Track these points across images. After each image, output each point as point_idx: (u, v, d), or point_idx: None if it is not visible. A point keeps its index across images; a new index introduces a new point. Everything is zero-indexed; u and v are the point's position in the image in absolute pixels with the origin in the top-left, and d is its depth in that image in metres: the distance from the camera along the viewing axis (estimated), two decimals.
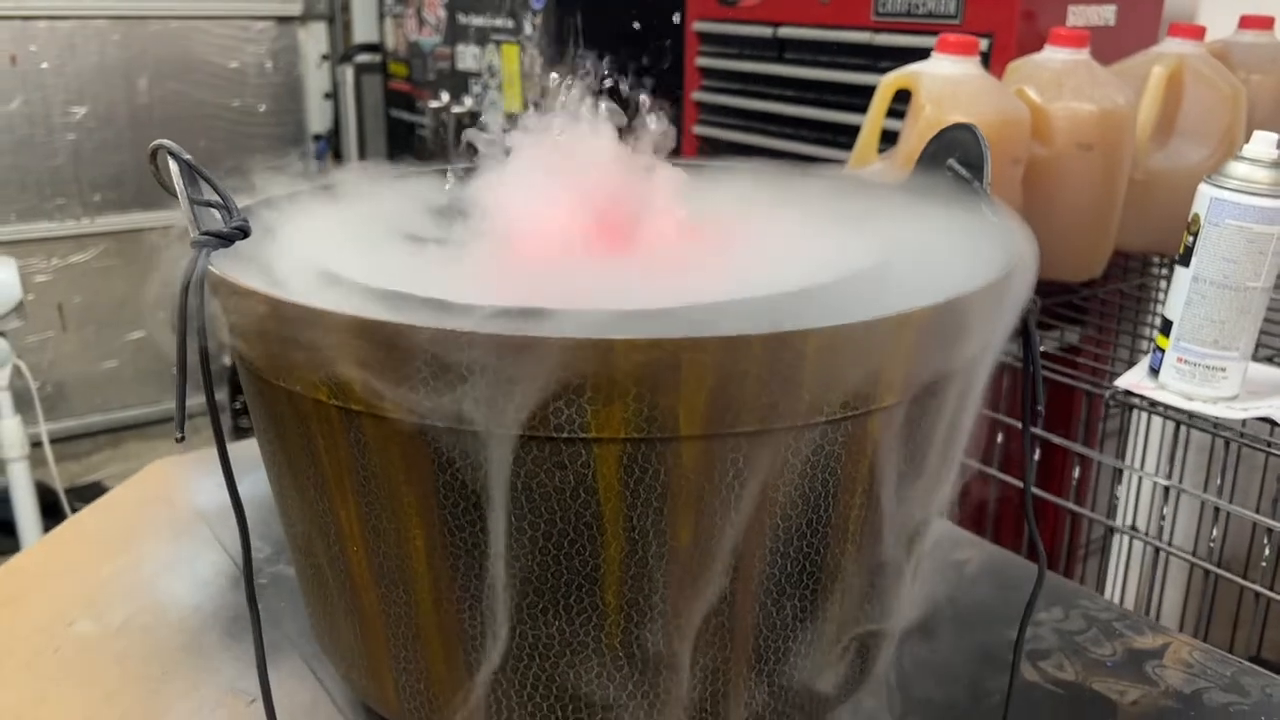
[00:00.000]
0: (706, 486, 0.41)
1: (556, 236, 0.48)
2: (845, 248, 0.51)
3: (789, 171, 0.65)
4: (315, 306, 0.40)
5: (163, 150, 0.48)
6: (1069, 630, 0.66)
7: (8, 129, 2.54)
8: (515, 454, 0.40)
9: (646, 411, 0.39)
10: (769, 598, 0.44)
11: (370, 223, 0.54)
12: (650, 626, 0.43)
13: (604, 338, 0.37)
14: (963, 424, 0.49)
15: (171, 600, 0.74)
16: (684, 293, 0.44)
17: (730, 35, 1.67)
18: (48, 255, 2.65)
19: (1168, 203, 1.10)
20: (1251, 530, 1.21)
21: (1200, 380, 0.82)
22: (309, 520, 0.48)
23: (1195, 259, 0.81)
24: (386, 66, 2.55)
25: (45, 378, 2.66)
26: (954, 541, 0.76)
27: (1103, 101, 1.06)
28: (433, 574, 0.44)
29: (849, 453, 0.42)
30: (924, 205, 0.56)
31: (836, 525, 0.44)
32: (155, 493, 0.88)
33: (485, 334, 0.37)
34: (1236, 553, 1.27)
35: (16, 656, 0.73)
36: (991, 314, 0.45)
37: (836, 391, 0.40)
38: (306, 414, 0.43)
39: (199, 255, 0.44)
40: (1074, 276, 1.13)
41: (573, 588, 0.42)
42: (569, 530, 0.41)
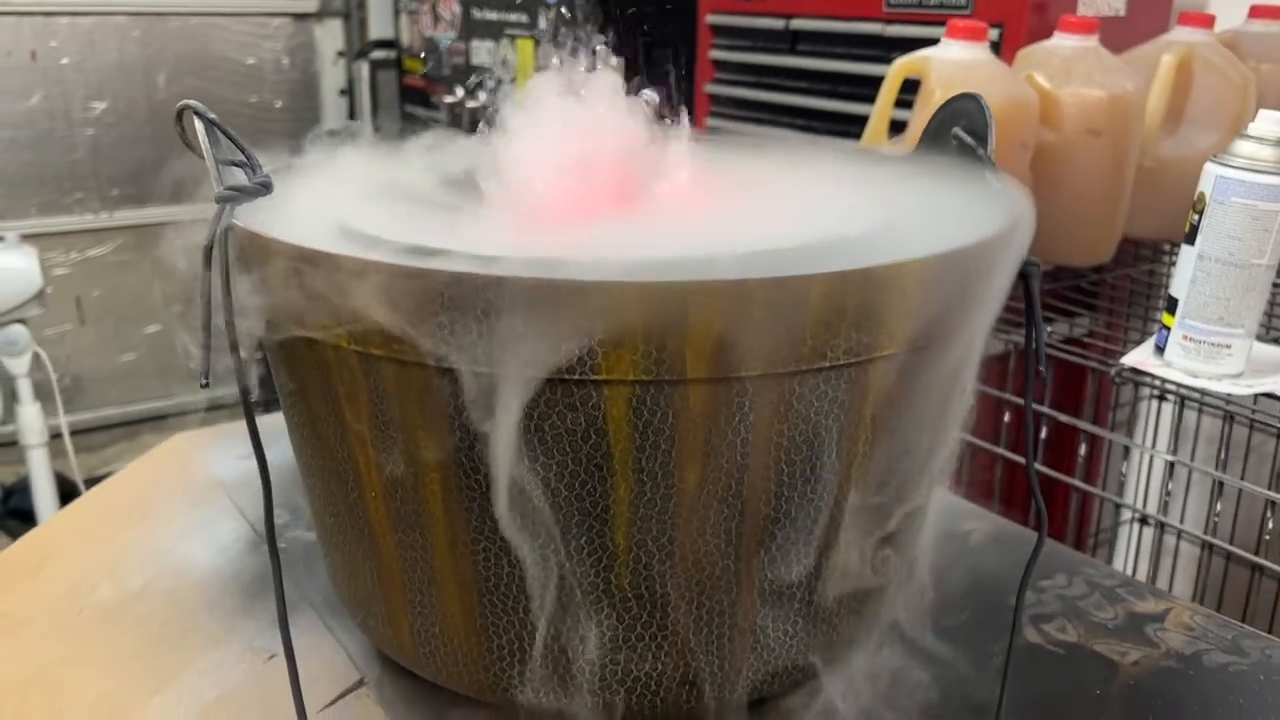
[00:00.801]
0: (712, 429, 0.42)
1: (569, 195, 0.50)
2: (852, 207, 0.52)
3: (799, 140, 0.67)
4: (334, 252, 0.41)
5: (189, 110, 0.49)
6: (1072, 596, 0.67)
7: (28, 124, 2.57)
8: (528, 396, 0.41)
9: (655, 354, 0.40)
10: (774, 541, 0.46)
11: (387, 185, 0.55)
12: (658, 568, 0.44)
13: (614, 280, 0.39)
14: (964, 379, 0.50)
15: (191, 565, 0.75)
16: (693, 247, 0.45)
17: (743, 28, 1.68)
18: (66, 249, 2.68)
19: (1177, 190, 1.10)
20: (1262, 515, 1.21)
21: (1205, 357, 0.83)
22: (328, 469, 0.49)
23: (1200, 237, 0.82)
24: (401, 62, 2.57)
25: (63, 370, 2.68)
26: (959, 513, 0.77)
27: (1111, 87, 1.07)
28: (448, 517, 0.45)
29: (851, 399, 0.44)
30: (929, 171, 0.57)
31: (840, 471, 0.45)
32: (174, 465, 0.90)
33: (499, 277, 0.39)
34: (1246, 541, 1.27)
35: (40, 621, 0.75)
36: (992, 267, 0.46)
37: (839, 338, 0.42)
38: (326, 361, 0.45)
39: (223, 209, 0.46)
40: (1082, 261, 1.14)
41: (583, 529, 0.44)
42: (580, 472, 0.42)
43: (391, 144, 0.63)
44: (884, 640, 0.56)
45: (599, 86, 0.53)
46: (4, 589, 0.80)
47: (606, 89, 0.53)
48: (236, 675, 0.64)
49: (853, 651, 0.52)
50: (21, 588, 0.79)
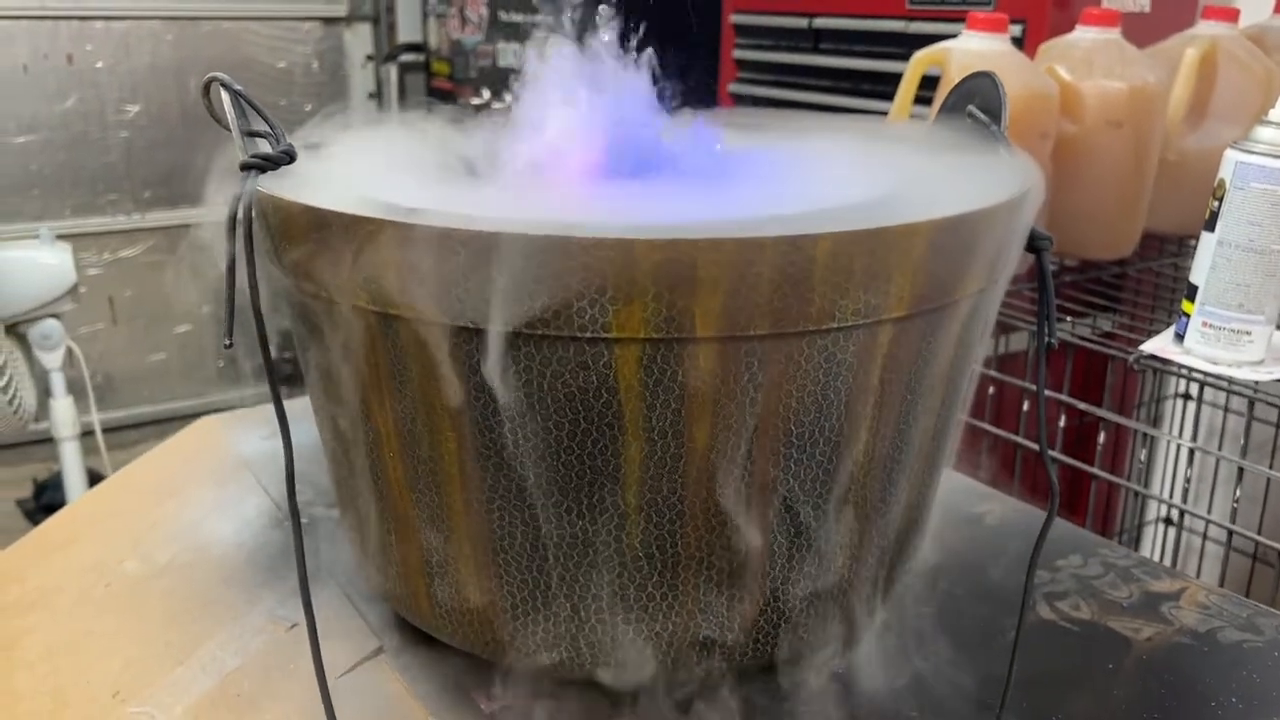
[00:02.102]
0: (722, 389, 0.43)
1: (583, 163, 0.51)
2: (865, 178, 0.53)
3: (817, 115, 0.67)
4: (353, 213, 0.42)
5: (215, 82, 0.51)
6: (1087, 575, 0.67)
7: (63, 126, 2.61)
8: (541, 354, 0.42)
9: (665, 312, 0.41)
10: (783, 504, 0.46)
11: (406, 157, 0.56)
12: (669, 527, 0.45)
13: (624, 237, 0.40)
14: (973, 348, 0.51)
15: (215, 540, 0.77)
16: (704, 210, 0.46)
17: (766, 27, 1.69)
18: (99, 249, 2.72)
19: (1200, 183, 1.10)
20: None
21: (1225, 344, 0.83)
22: (346, 429, 0.50)
23: (1221, 223, 0.82)
24: (429, 65, 2.60)
25: (95, 369, 2.72)
26: (975, 495, 0.78)
27: (1133, 79, 1.07)
28: (463, 476, 0.46)
29: (860, 361, 0.44)
30: (942, 143, 0.58)
31: (849, 434, 0.46)
32: (201, 445, 0.92)
33: (513, 234, 0.40)
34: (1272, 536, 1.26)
35: (69, 593, 0.76)
36: (1000, 234, 0.47)
37: (847, 299, 0.42)
38: (343, 320, 0.46)
39: (248, 177, 0.47)
40: (1104, 255, 1.14)
41: (595, 488, 0.44)
42: (591, 430, 0.43)
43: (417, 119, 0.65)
44: (896, 610, 0.57)
45: (616, 63, 0.54)
46: (36, 563, 0.82)
47: (623, 65, 0.54)
48: (257, 644, 0.65)
49: (865, 618, 0.53)
50: (53, 562, 0.81)
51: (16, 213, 2.59)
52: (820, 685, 0.54)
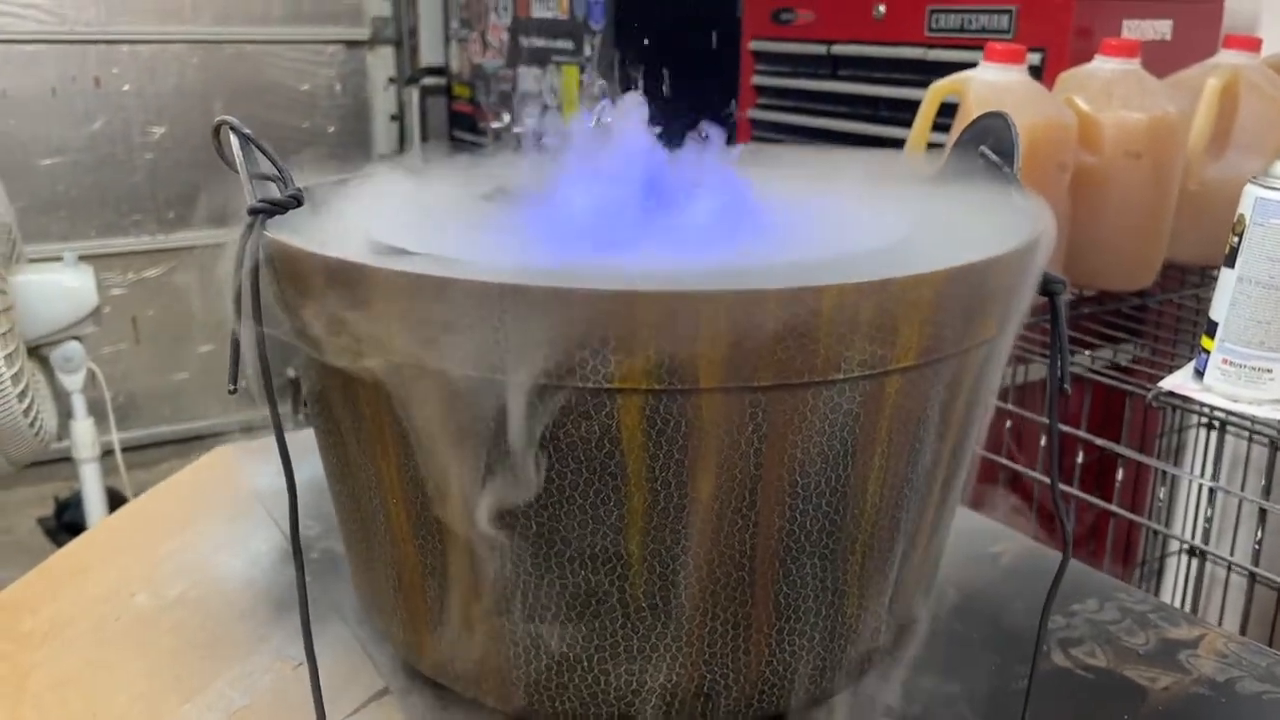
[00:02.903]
0: (726, 440, 0.42)
1: (594, 208, 0.50)
2: (875, 222, 0.52)
3: (828, 152, 0.67)
4: (354, 261, 0.42)
5: (225, 125, 0.51)
6: (1102, 620, 0.66)
7: (90, 148, 2.65)
8: (544, 403, 0.42)
9: (667, 363, 0.40)
10: (789, 554, 0.46)
11: (415, 199, 0.56)
12: (672, 577, 0.45)
13: (626, 290, 0.39)
14: (984, 395, 0.50)
15: (226, 575, 0.77)
16: (712, 257, 0.46)
17: (785, 54, 1.69)
18: (123, 270, 2.75)
19: (1222, 214, 1.09)
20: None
21: (1246, 381, 0.81)
22: (351, 474, 0.50)
23: (1240, 259, 0.81)
24: (451, 89, 2.62)
25: (118, 388, 2.75)
26: (989, 535, 0.77)
27: (1152, 110, 1.06)
28: (466, 522, 0.46)
29: (867, 412, 0.44)
30: (954, 185, 0.57)
31: (855, 485, 0.45)
32: (215, 476, 0.92)
33: (515, 285, 0.40)
34: None
35: (81, 624, 0.76)
36: (1010, 283, 0.46)
37: (853, 350, 0.42)
38: (349, 365, 0.46)
39: (255, 221, 0.47)
40: (1123, 286, 1.13)
41: (598, 537, 0.44)
42: (594, 480, 0.43)
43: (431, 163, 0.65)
44: (906, 659, 0.56)
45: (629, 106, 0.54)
46: (49, 593, 0.82)
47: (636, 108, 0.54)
48: (265, 683, 0.65)
49: (872, 669, 0.52)
50: (65, 592, 0.82)
51: (43, 233, 2.62)
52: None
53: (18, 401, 1.56)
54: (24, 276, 1.67)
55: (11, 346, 1.55)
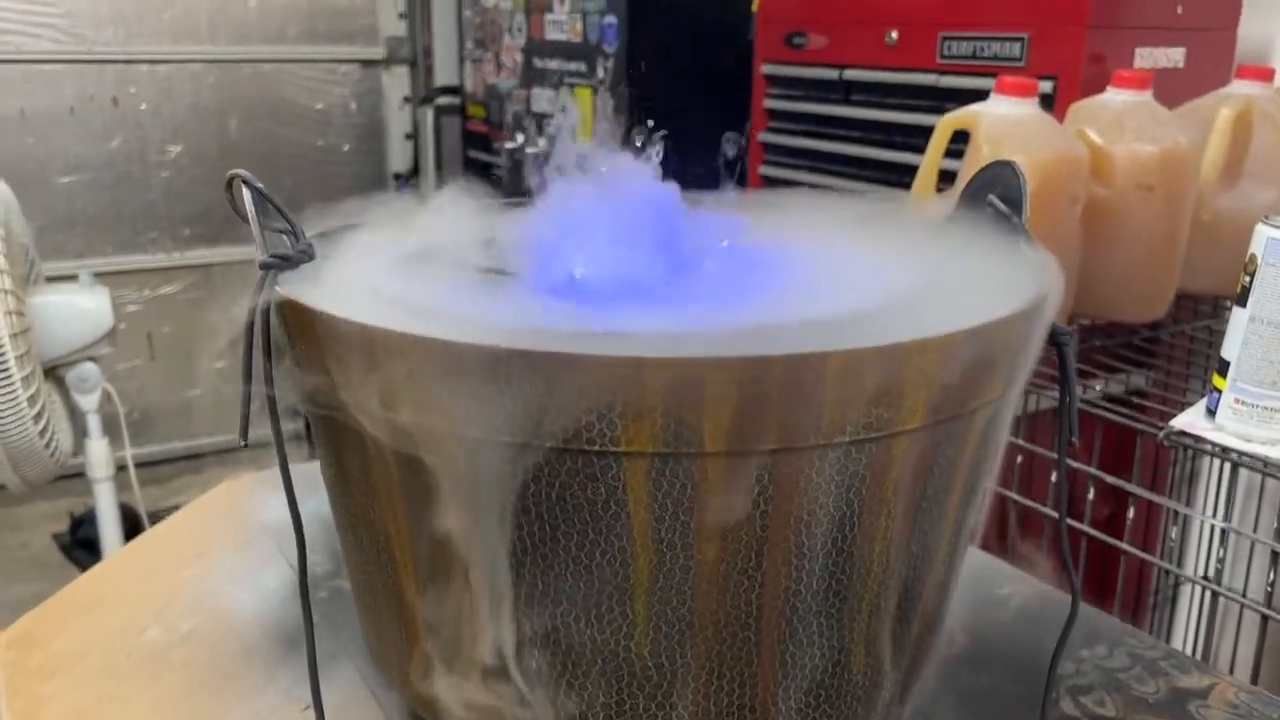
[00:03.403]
0: (731, 503, 0.42)
1: (600, 263, 0.51)
2: (881, 277, 0.53)
3: (835, 198, 0.67)
4: (361, 322, 0.43)
5: (238, 179, 0.51)
6: (1112, 667, 0.66)
7: (108, 166, 2.67)
8: (550, 465, 0.42)
9: (673, 427, 0.41)
10: (795, 613, 0.46)
11: (428, 251, 0.57)
12: (678, 637, 0.45)
13: (633, 356, 0.40)
14: (991, 451, 0.50)
15: (236, 610, 0.77)
16: (718, 318, 0.46)
17: (797, 78, 1.69)
18: (139, 286, 2.77)
19: (1235, 244, 1.08)
20: None
21: (1258, 421, 0.81)
22: (360, 528, 0.50)
23: (1252, 299, 0.80)
24: (465, 108, 2.63)
25: (133, 404, 2.76)
26: (999, 576, 0.76)
27: (1164, 142, 1.06)
28: (475, 579, 0.46)
29: (873, 474, 0.44)
30: (962, 237, 0.57)
31: (862, 545, 0.45)
32: (226, 508, 0.93)
33: (522, 350, 0.40)
34: None
35: (93, 658, 0.77)
36: (1017, 342, 0.46)
37: (858, 413, 0.42)
38: (354, 424, 0.46)
39: (267, 276, 0.48)
40: (1135, 317, 1.13)
41: (604, 597, 0.44)
42: (600, 541, 0.43)
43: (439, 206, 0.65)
44: (914, 705, 0.56)
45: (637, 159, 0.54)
46: (62, 626, 0.82)
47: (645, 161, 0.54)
48: None
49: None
50: (77, 626, 0.82)
51: (60, 250, 2.64)
52: None
53: (34, 423, 1.57)
54: (41, 298, 1.68)
55: (28, 369, 1.56)
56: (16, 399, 1.53)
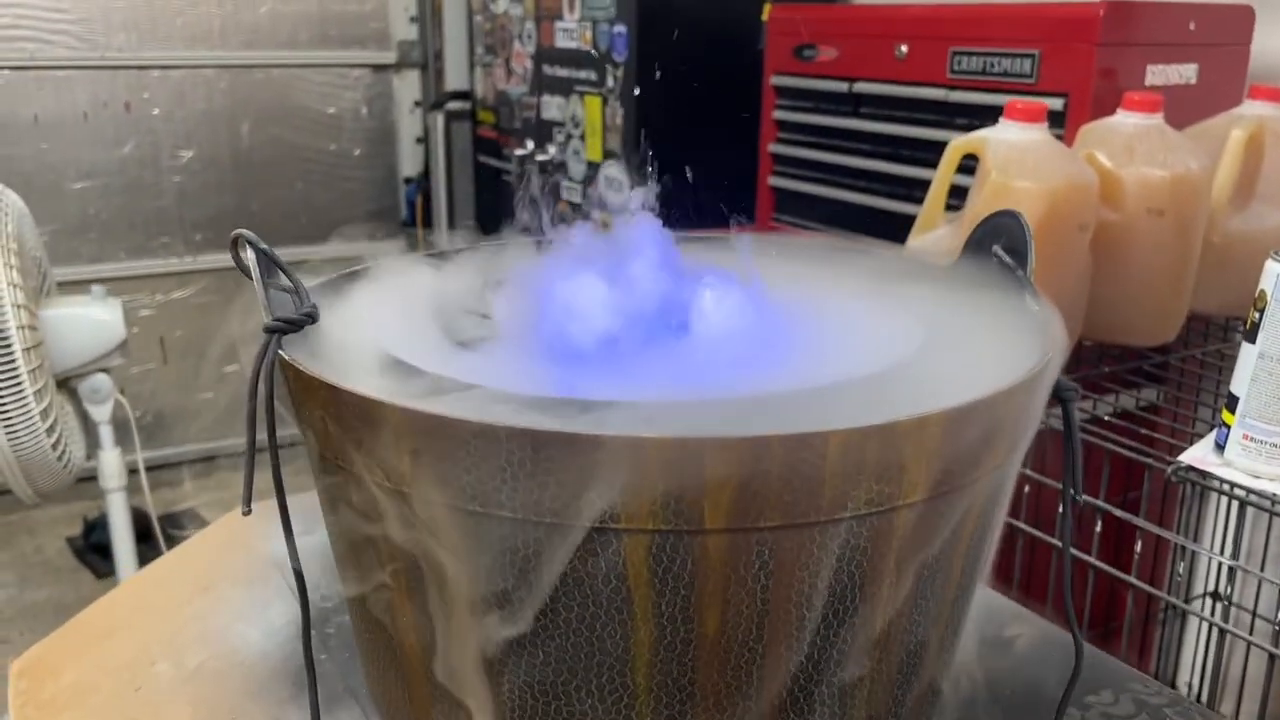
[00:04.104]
0: (732, 577, 0.42)
1: (601, 325, 0.51)
2: (883, 337, 0.52)
3: (841, 249, 0.67)
4: (362, 394, 0.43)
5: (241, 239, 0.52)
6: (1117, 715, 0.65)
7: (120, 171, 2.68)
8: (549, 540, 0.42)
9: (673, 505, 0.41)
10: (796, 684, 0.46)
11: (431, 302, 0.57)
12: (679, 708, 0.45)
13: (634, 435, 0.40)
14: (995, 517, 0.50)
15: (243, 646, 0.77)
16: (717, 386, 0.46)
17: (807, 89, 1.69)
18: (152, 291, 2.78)
19: (1246, 266, 1.08)
20: None
21: (1267, 458, 0.81)
22: (363, 589, 0.51)
23: (1261, 335, 0.80)
24: (475, 114, 2.63)
25: (146, 407, 2.78)
26: (1005, 615, 0.76)
27: (1175, 166, 1.05)
28: (474, 649, 0.46)
29: (875, 547, 0.44)
30: (967, 292, 0.57)
31: (865, 615, 0.45)
32: (235, 539, 0.93)
33: (520, 429, 0.40)
34: None
35: (104, 691, 0.77)
36: (1019, 412, 0.46)
37: (859, 489, 0.42)
38: (361, 490, 0.46)
39: (270, 341, 0.48)
40: (1144, 342, 1.12)
41: (604, 668, 0.44)
42: (600, 614, 0.43)
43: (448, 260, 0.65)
44: None
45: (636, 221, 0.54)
46: (73, 657, 0.83)
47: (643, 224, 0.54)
48: None
49: None
50: (88, 658, 0.83)
51: (74, 255, 2.66)
52: None
53: (46, 436, 1.58)
54: (53, 311, 1.69)
55: (41, 381, 1.57)
56: (29, 411, 1.54)
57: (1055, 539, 0.96)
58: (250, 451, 0.46)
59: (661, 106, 1.97)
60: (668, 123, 1.96)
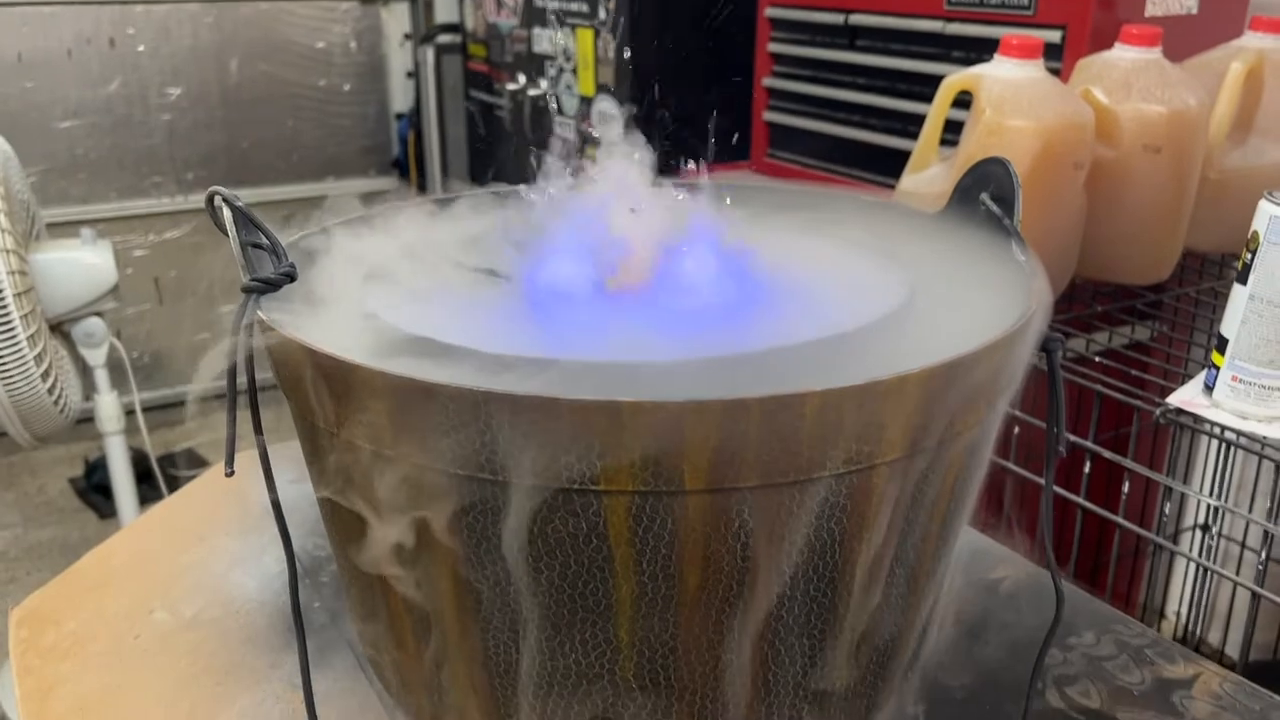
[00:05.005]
0: (712, 536, 0.43)
1: (585, 276, 0.51)
2: (867, 290, 0.52)
3: (827, 196, 0.66)
4: (340, 358, 0.43)
5: (218, 196, 0.51)
6: (1099, 656, 0.66)
7: (107, 110, 2.65)
8: (530, 502, 0.42)
9: (652, 467, 0.41)
10: (777, 636, 0.46)
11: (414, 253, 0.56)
12: (661, 660, 0.46)
13: (611, 400, 0.39)
14: (975, 471, 0.50)
15: (239, 595, 0.78)
16: (699, 338, 0.46)
17: (802, 21, 1.66)
18: (145, 231, 2.77)
19: (1243, 203, 1.07)
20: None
21: (1255, 399, 0.81)
22: (349, 546, 0.51)
23: (1253, 277, 0.80)
24: (466, 47, 2.58)
25: (142, 348, 2.78)
26: (992, 558, 0.77)
27: (1173, 103, 1.03)
28: (459, 607, 0.47)
29: (854, 504, 0.44)
30: (953, 242, 0.57)
31: (843, 569, 0.46)
32: (229, 488, 0.93)
33: (501, 394, 0.40)
34: None
35: (102, 640, 0.79)
36: (1000, 368, 0.46)
37: (838, 449, 0.42)
38: (343, 452, 0.47)
39: (249, 301, 0.48)
40: (1139, 280, 1.12)
41: (588, 624, 0.45)
42: (583, 572, 0.44)
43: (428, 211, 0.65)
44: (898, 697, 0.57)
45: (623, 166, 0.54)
46: (71, 607, 0.84)
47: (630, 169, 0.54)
48: (277, 713, 0.67)
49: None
50: (86, 607, 0.84)
51: (64, 196, 2.63)
52: None
53: (42, 381, 1.58)
54: (44, 255, 1.68)
55: (34, 327, 1.57)
56: (24, 357, 1.54)
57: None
58: (231, 411, 0.46)
59: (655, 39, 1.93)
60: (661, 56, 1.93)
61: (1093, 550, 1.14)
